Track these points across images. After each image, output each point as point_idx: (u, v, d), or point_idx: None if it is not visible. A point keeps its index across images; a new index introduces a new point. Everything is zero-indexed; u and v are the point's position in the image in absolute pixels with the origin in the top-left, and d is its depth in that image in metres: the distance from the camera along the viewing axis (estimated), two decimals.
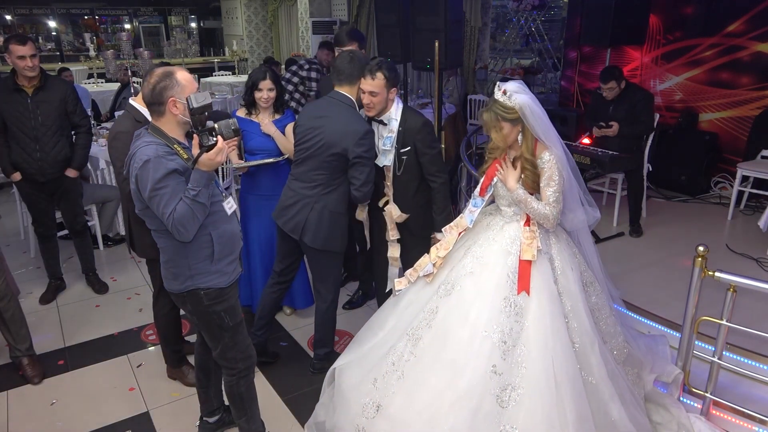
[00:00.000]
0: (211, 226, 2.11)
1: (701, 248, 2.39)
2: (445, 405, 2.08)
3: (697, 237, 3.08)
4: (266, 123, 3.15)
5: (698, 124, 5.40)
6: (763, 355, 2.71)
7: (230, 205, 2.22)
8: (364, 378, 2.36)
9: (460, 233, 2.42)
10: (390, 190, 2.82)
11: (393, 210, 2.83)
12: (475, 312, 2.18)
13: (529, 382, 2.05)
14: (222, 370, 2.39)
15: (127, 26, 15.17)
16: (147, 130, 2.07)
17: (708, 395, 2.50)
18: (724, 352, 2.48)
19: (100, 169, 4.88)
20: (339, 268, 3.00)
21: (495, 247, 2.28)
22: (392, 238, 2.91)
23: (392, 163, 2.75)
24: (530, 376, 2.06)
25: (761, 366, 2.67)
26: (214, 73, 10.58)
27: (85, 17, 14.82)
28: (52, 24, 14.37)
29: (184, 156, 2.03)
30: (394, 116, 2.73)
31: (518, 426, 2.02)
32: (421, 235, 2.90)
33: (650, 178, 4.86)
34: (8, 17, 13.72)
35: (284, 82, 4.80)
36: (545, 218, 2.22)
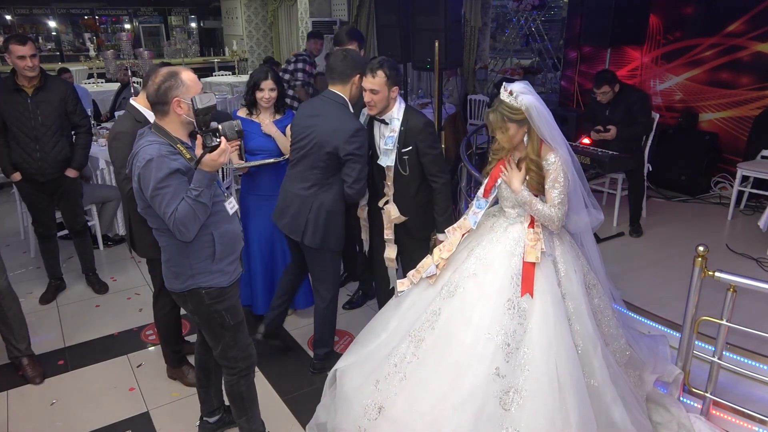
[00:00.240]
0: (213, 226, 2.11)
1: (701, 248, 2.39)
2: (448, 407, 2.07)
3: (697, 237, 3.08)
4: (267, 123, 3.16)
5: (698, 124, 5.40)
6: (763, 355, 2.71)
7: (232, 205, 2.22)
8: (366, 379, 2.36)
9: (463, 235, 2.41)
10: (390, 190, 2.82)
11: (392, 210, 2.83)
12: (478, 314, 2.17)
13: (532, 384, 2.05)
14: (222, 370, 2.39)
15: (127, 26, 15.17)
16: (150, 130, 2.07)
17: (708, 395, 2.50)
18: (724, 352, 2.48)
19: (100, 169, 4.88)
20: (337, 267, 3.01)
21: (498, 249, 2.27)
22: (387, 238, 2.91)
23: (394, 163, 2.75)
24: (533, 378, 2.05)
25: (761, 366, 2.67)
26: (214, 73, 10.57)
27: (85, 17, 14.81)
28: (52, 24, 14.37)
29: (187, 156, 2.04)
30: (396, 116, 2.73)
31: (521, 429, 2.01)
32: (421, 236, 2.89)
33: (650, 178, 4.86)
34: (8, 17, 13.72)
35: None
36: (550, 220, 2.21)
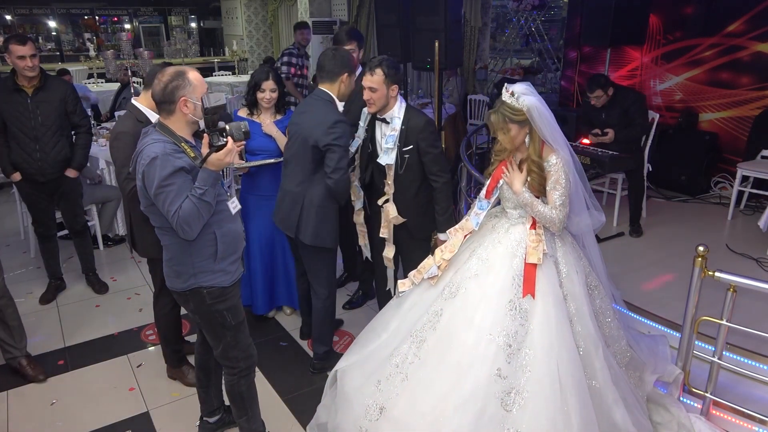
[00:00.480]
0: (216, 225, 2.12)
1: (701, 248, 2.39)
2: (449, 408, 2.07)
3: (697, 237, 3.08)
4: (268, 123, 3.16)
5: (698, 124, 5.40)
6: (763, 355, 2.71)
7: (234, 204, 2.23)
8: (367, 380, 2.36)
9: (465, 236, 2.40)
10: (390, 189, 2.82)
11: (390, 209, 2.83)
12: (479, 315, 2.17)
13: (533, 385, 2.05)
14: (223, 370, 2.39)
15: (127, 26, 15.17)
16: (155, 128, 2.08)
17: (708, 395, 2.50)
18: (724, 352, 2.48)
19: (100, 168, 4.87)
20: (333, 264, 3.02)
21: (500, 250, 2.27)
22: (383, 236, 2.91)
23: (394, 161, 2.76)
24: (535, 379, 2.05)
25: (761, 366, 2.67)
26: (214, 73, 10.57)
27: (85, 17, 14.80)
28: (52, 24, 14.36)
29: (192, 154, 2.04)
30: (397, 114, 2.74)
31: (522, 430, 2.01)
32: (421, 236, 2.89)
33: (650, 178, 4.86)
34: (8, 17, 13.71)
35: None
36: (551, 222, 2.21)
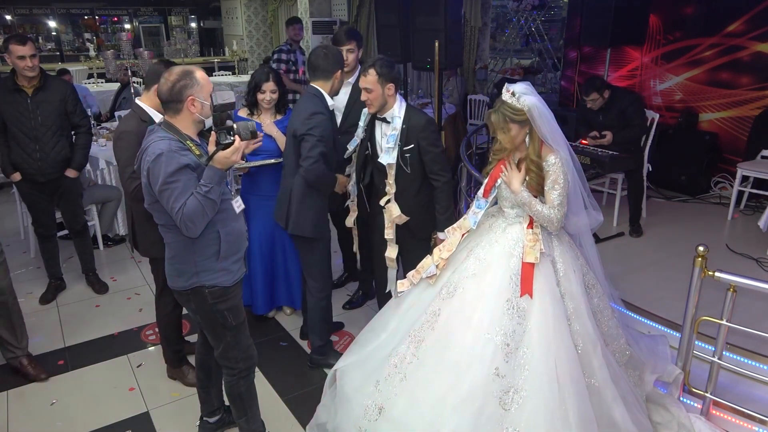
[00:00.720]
0: (220, 224, 2.12)
1: (701, 248, 2.39)
2: (448, 407, 2.08)
3: (697, 237, 3.08)
4: (268, 124, 3.16)
5: (698, 124, 5.40)
6: (763, 355, 2.70)
7: (239, 204, 2.24)
8: (366, 380, 2.36)
9: (463, 235, 2.41)
10: (392, 188, 2.83)
11: (393, 209, 2.84)
12: (477, 314, 2.17)
13: (531, 384, 2.05)
14: (222, 370, 2.39)
15: (127, 26, 15.17)
16: (160, 127, 2.09)
17: (708, 395, 2.50)
18: (724, 352, 2.47)
19: (100, 169, 4.87)
20: (325, 259, 3.05)
21: (497, 249, 2.27)
22: (388, 237, 2.91)
23: (395, 161, 2.76)
24: (533, 378, 2.05)
25: (761, 366, 2.67)
26: (214, 73, 10.58)
27: (85, 17, 14.81)
28: (52, 24, 14.36)
29: (197, 152, 2.05)
30: (397, 114, 2.76)
31: (521, 428, 2.02)
32: (423, 236, 2.89)
33: (650, 178, 4.86)
34: (8, 17, 13.71)
35: None
36: (549, 221, 2.21)
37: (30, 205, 3.81)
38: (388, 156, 2.76)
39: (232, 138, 1.99)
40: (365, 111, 2.88)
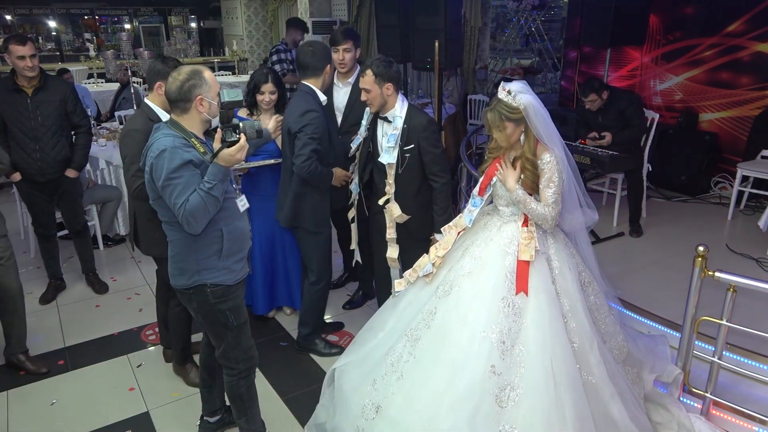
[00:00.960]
0: (223, 222, 2.13)
1: (701, 248, 2.39)
2: (445, 405, 2.08)
3: (697, 237, 3.08)
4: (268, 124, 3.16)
5: (698, 124, 5.40)
6: (763, 355, 2.70)
7: (243, 203, 2.25)
8: (363, 379, 2.37)
9: (458, 233, 2.42)
10: (391, 188, 2.83)
11: (393, 208, 2.84)
12: (473, 312, 2.18)
13: (527, 381, 2.06)
14: (223, 370, 2.39)
15: (127, 26, 15.16)
16: (166, 125, 2.10)
17: (708, 395, 2.50)
18: (724, 352, 2.47)
19: (100, 169, 4.87)
20: (323, 250, 3.11)
21: (493, 248, 2.28)
22: (390, 237, 2.92)
23: (395, 160, 2.76)
24: (529, 376, 2.06)
25: (761, 366, 2.67)
26: (214, 73, 10.55)
27: (85, 17, 14.80)
28: (52, 24, 14.35)
29: (201, 150, 2.06)
30: (398, 113, 2.77)
31: (517, 426, 2.02)
32: (422, 236, 2.89)
33: (650, 178, 4.86)
34: (8, 17, 13.70)
35: None
36: (544, 219, 2.22)
37: (30, 205, 3.82)
38: (388, 155, 2.77)
39: (237, 136, 2.00)
40: (368, 110, 2.89)
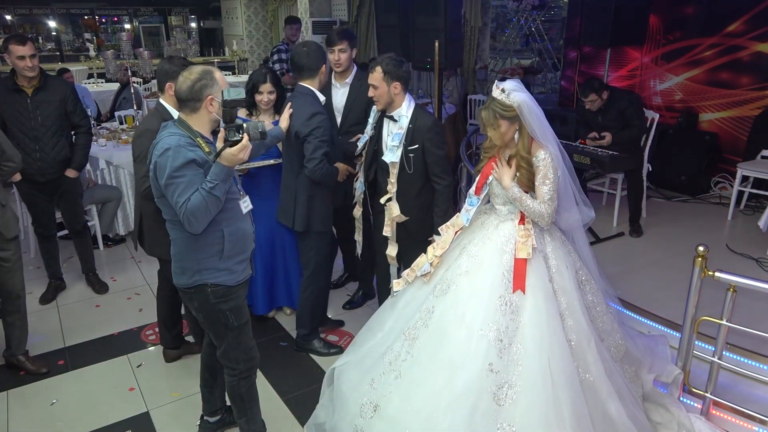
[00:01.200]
0: (225, 223, 2.13)
1: (701, 248, 2.39)
2: (443, 404, 2.08)
3: (697, 237, 3.08)
4: (267, 124, 3.16)
5: (698, 124, 5.40)
6: (763, 355, 2.70)
7: (246, 204, 2.24)
8: (362, 379, 2.37)
9: (456, 232, 2.43)
10: (393, 187, 2.83)
11: (393, 207, 2.85)
12: (470, 311, 2.18)
13: (525, 379, 2.06)
14: (224, 370, 2.39)
15: (127, 26, 15.16)
16: (173, 123, 2.10)
17: (708, 395, 2.50)
18: (724, 352, 2.47)
19: (100, 169, 4.87)
20: (321, 252, 3.11)
21: (490, 246, 2.29)
22: (386, 234, 2.92)
23: (399, 160, 2.77)
24: (526, 373, 2.07)
25: (761, 366, 2.67)
26: None
27: (85, 17, 14.80)
28: (52, 24, 14.35)
29: (206, 149, 2.06)
30: (405, 113, 2.78)
31: (515, 423, 2.02)
32: (419, 238, 2.89)
33: (650, 178, 4.86)
34: (8, 17, 13.70)
35: None
36: (540, 216, 2.23)
37: (30, 205, 3.82)
38: (392, 154, 2.78)
39: (240, 136, 2.00)
40: (374, 108, 2.91)
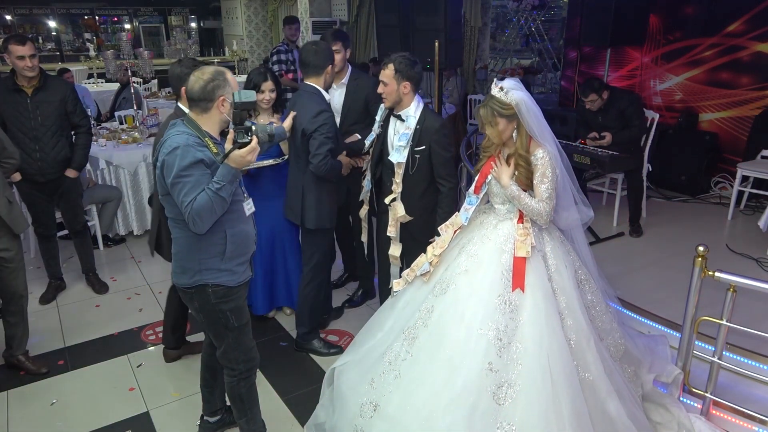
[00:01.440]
0: (228, 224, 2.13)
1: (701, 248, 2.39)
2: (442, 403, 2.08)
3: (697, 237, 3.08)
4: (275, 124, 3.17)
5: (698, 124, 5.40)
6: (763, 355, 2.70)
7: (250, 206, 2.24)
8: (362, 378, 2.37)
9: (455, 231, 2.43)
10: (398, 188, 2.83)
11: (398, 207, 2.85)
12: (470, 310, 2.19)
13: (525, 379, 2.06)
14: (224, 370, 2.39)
15: (127, 26, 15.16)
16: (182, 122, 2.10)
17: (708, 395, 2.50)
18: (724, 352, 2.48)
19: (100, 169, 4.87)
20: (323, 248, 3.13)
21: (489, 245, 2.29)
22: (390, 234, 2.92)
23: (405, 160, 2.77)
24: (526, 373, 2.07)
25: (761, 366, 2.67)
26: None
27: (85, 17, 14.79)
28: (52, 24, 14.35)
29: (214, 150, 2.06)
30: (412, 114, 2.78)
31: (515, 423, 2.02)
32: (422, 240, 2.88)
33: (650, 178, 4.86)
34: (8, 17, 13.70)
35: None
36: (538, 214, 2.23)
37: (30, 205, 3.82)
38: (398, 154, 2.78)
39: (249, 138, 2.00)
40: (382, 106, 2.91)
